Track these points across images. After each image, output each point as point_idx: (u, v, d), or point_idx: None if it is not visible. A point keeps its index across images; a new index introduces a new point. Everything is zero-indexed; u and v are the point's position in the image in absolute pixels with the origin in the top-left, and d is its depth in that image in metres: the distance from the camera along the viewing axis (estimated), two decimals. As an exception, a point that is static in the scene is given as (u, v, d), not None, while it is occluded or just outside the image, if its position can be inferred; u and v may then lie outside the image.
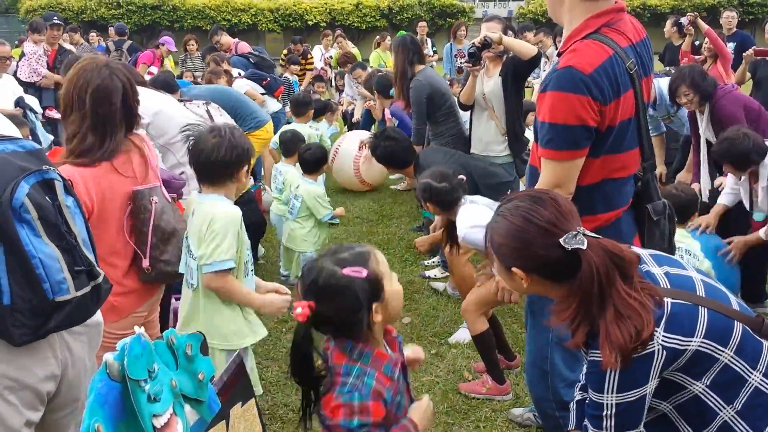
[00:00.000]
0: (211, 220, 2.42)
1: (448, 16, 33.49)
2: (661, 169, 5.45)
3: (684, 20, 7.43)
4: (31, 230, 1.68)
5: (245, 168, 2.51)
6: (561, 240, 1.59)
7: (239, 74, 7.30)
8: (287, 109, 7.69)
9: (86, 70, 2.41)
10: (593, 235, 1.61)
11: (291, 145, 5.20)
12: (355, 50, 10.51)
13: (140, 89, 3.74)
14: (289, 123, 7.21)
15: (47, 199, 1.75)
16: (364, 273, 1.56)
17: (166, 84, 5.64)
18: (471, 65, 4.33)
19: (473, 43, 4.31)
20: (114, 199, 2.44)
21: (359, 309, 1.55)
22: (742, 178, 3.98)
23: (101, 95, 2.38)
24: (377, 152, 4.57)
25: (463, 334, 3.96)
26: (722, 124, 4.31)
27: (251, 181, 4.87)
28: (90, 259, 1.84)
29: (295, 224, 4.76)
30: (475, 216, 3.25)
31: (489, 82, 4.50)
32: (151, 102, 3.52)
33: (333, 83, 10.83)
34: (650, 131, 2.68)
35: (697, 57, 7.02)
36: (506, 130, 4.49)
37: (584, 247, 1.57)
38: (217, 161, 2.42)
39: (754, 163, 3.84)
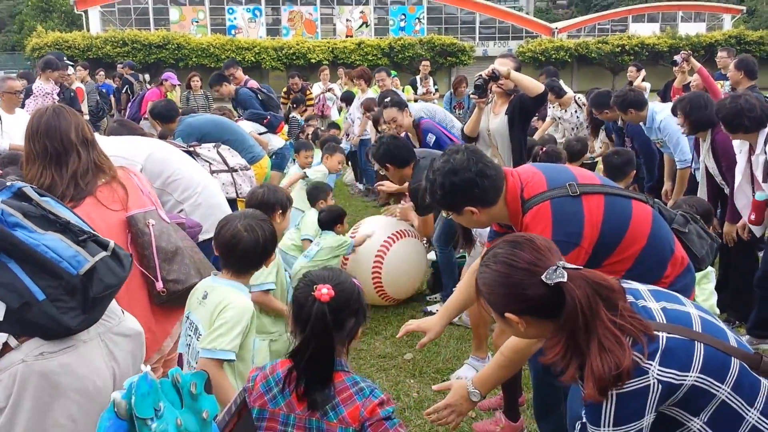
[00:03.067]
0: (224, 307, 2.35)
1: (449, 55, 34.00)
2: (667, 186, 5.51)
3: (678, 58, 7.57)
4: (23, 229, 1.77)
5: (271, 258, 2.54)
6: (543, 277, 1.62)
7: (239, 117, 7.39)
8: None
9: (34, 117, 2.53)
10: (575, 267, 1.65)
11: (315, 194, 5.19)
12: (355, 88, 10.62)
13: (129, 138, 3.82)
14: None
15: (24, 202, 1.85)
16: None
17: (161, 114, 5.74)
18: (477, 97, 4.35)
19: (480, 75, 4.32)
20: (110, 233, 2.46)
21: (360, 323, 1.85)
22: (742, 151, 3.98)
23: (51, 133, 2.47)
24: (380, 151, 4.55)
25: (466, 371, 3.93)
26: (717, 155, 4.34)
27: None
28: (89, 230, 1.91)
29: (311, 263, 4.54)
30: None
31: (495, 120, 4.51)
32: (140, 148, 3.56)
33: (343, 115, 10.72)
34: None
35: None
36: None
37: (565, 279, 1.60)
38: (247, 255, 2.42)
39: (743, 127, 3.82)
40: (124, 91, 11.20)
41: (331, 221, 4.70)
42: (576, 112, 7.32)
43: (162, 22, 36.43)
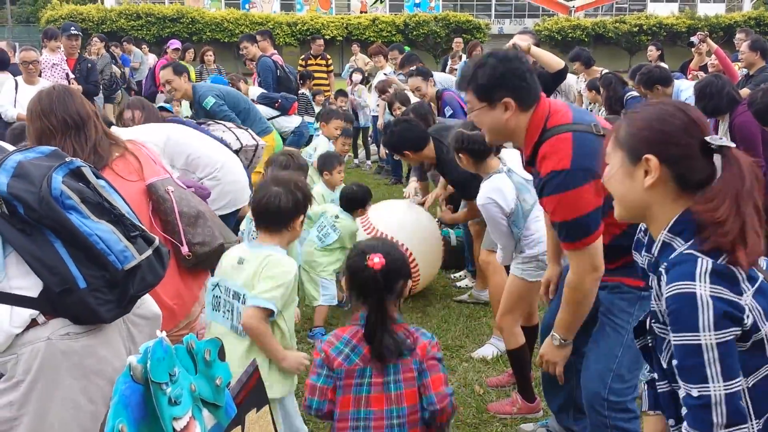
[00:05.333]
0: (268, 264, 2.44)
1: (464, 32, 33.63)
2: None
3: (695, 39, 7.48)
4: (79, 214, 1.77)
5: (301, 218, 2.57)
6: (708, 138, 1.50)
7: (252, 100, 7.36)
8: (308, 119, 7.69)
9: (43, 96, 2.49)
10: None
11: (323, 162, 4.86)
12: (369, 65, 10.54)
13: (145, 126, 3.82)
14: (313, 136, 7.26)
15: (81, 184, 1.84)
16: None
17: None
18: None
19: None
20: (132, 203, 2.50)
21: (407, 283, 2.17)
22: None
23: (68, 107, 2.45)
24: (393, 139, 4.34)
25: (488, 350, 3.94)
26: (736, 141, 4.31)
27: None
28: (140, 225, 1.92)
29: (321, 252, 4.35)
30: (501, 189, 3.26)
31: None
32: (157, 133, 3.60)
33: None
34: None
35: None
36: None
37: (732, 145, 1.50)
38: (277, 209, 2.48)
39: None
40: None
41: (356, 202, 4.35)
42: None
43: (176, -5, 36.27)
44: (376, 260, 2.01)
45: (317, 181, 5.01)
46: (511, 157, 3.47)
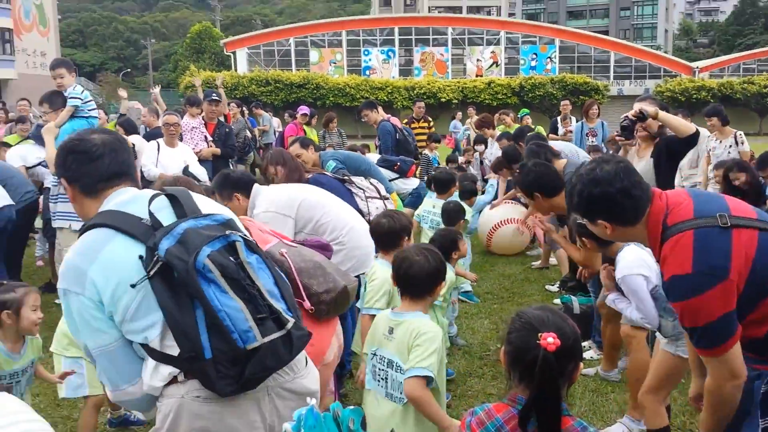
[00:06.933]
0: (417, 333, 2.51)
1: (581, 94, 33.29)
2: None
3: None
4: (217, 287, 1.86)
5: (442, 284, 2.67)
6: None
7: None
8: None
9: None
10: None
11: (455, 216, 5.12)
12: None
13: (284, 187, 3.99)
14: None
15: (230, 258, 1.93)
16: None
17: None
18: (624, 139, 4.21)
19: (626, 116, 4.16)
20: None
21: (579, 366, 1.85)
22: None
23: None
24: (528, 178, 4.13)
25: (618, 430, 3.72)
26: None
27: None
28: (276, 307, 1.96)
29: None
30: (644, 260, 3.09)
31: (640, 164, 4.31)
32: (293, 198, 3.79)
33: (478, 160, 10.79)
34: None
35: None
36: None
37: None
38: (421, 278, 2.59)
39: None
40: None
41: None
42: (731, 147, 6.93)
43: (302, 63, 38.55)
44: (550, 340, 1.74)
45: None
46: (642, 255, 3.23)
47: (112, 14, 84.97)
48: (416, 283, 2.58)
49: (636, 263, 3.14)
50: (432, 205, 5.92)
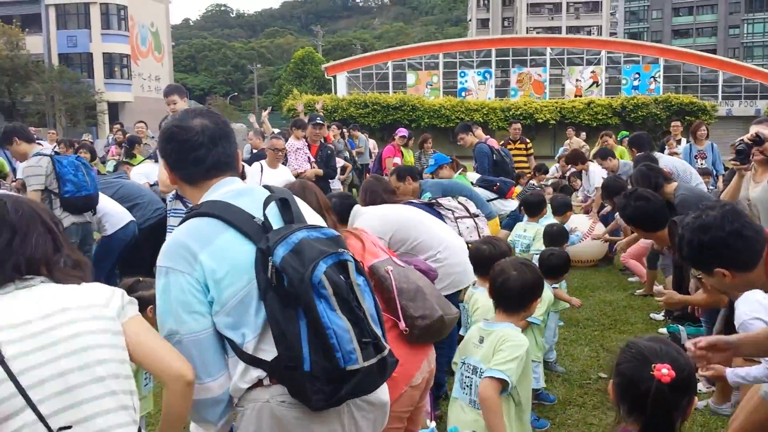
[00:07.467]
0: (503, 339, 2.57)
1: (687, 114, 31.84)
2: None
3: None
4: (327, 304, 1.89)
5: (537, 300, 2.72)
6: None
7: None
8: None
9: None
10: None
11: (558, 240, 5.15)
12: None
13: (381, 209, 4.06)
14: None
15: (341, 277, 1.96)
16: None
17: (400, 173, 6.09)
18: (739, 163, 4.06)
19: (742, 139, 4.05)
20: None
21: (693, 400, 1.75)
22: None
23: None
24: (627, 212, 3.98)
25: None
26: None
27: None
28: (377, 332, 2.00)
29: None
30: (762, 303, 2.95)
31: (756, 188, 4.14)
32: (389, 220, 3.87)
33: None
34: None
35: None
36: None
37: None
38: (517, 292, 2.64)
39: None
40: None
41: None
42: None
43: (399, 86, 39.10)
44: (665, 371, 1.66)
45: None
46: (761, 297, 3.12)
47: (221, 41, 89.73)
48: (510, 295, 2.63)
49: (753, 307, 3.00)
50: (523, 229, 5.87)
